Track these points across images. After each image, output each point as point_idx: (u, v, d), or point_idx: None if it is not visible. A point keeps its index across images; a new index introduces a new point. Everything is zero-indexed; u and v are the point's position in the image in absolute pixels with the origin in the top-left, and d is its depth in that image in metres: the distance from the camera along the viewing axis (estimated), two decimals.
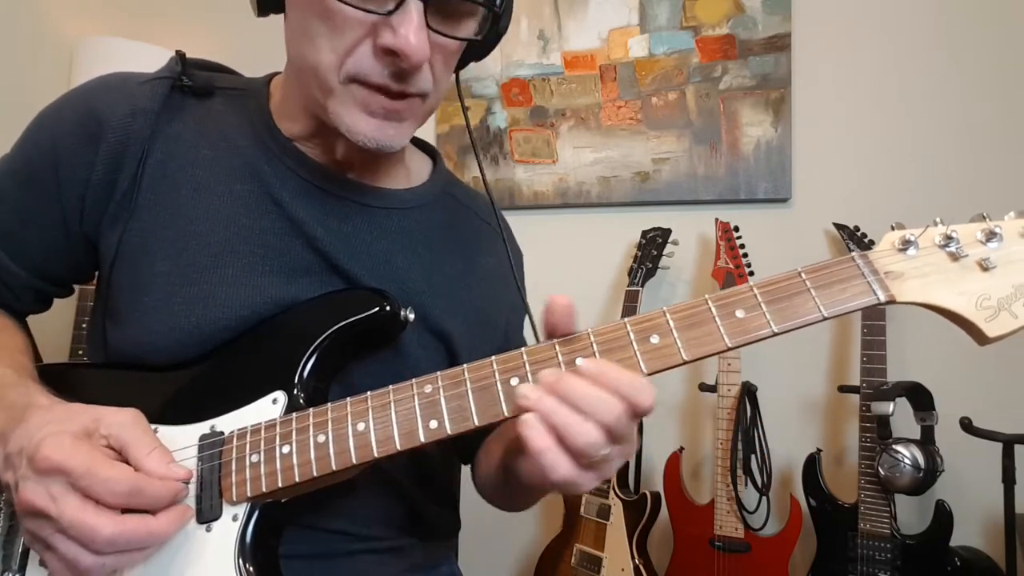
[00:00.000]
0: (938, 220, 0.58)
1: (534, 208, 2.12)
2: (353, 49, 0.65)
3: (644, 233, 1.92)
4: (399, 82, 0.66)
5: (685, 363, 0.57)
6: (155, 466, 0.58)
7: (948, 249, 0.56)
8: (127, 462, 0.59)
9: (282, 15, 0.74)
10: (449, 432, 0.59)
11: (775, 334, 0.56)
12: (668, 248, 1.88)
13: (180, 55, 0.79)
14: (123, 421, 0.60)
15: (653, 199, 2.00)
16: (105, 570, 0.56)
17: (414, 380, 0.62)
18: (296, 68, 0.73)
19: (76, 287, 0.86)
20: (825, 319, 0.56)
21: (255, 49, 1.82)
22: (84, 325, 1.94)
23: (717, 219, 1.84)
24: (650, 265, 1.86)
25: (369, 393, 0.62)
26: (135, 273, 0.73)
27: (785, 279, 0.57)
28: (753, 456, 1.68)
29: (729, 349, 0.56)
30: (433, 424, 0.59)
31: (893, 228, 0.59)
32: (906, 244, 0.57)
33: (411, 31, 0.62)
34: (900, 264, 0.57)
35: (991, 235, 0.56)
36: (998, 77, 1.76)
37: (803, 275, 0.57)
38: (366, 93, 0.66)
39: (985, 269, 0.55)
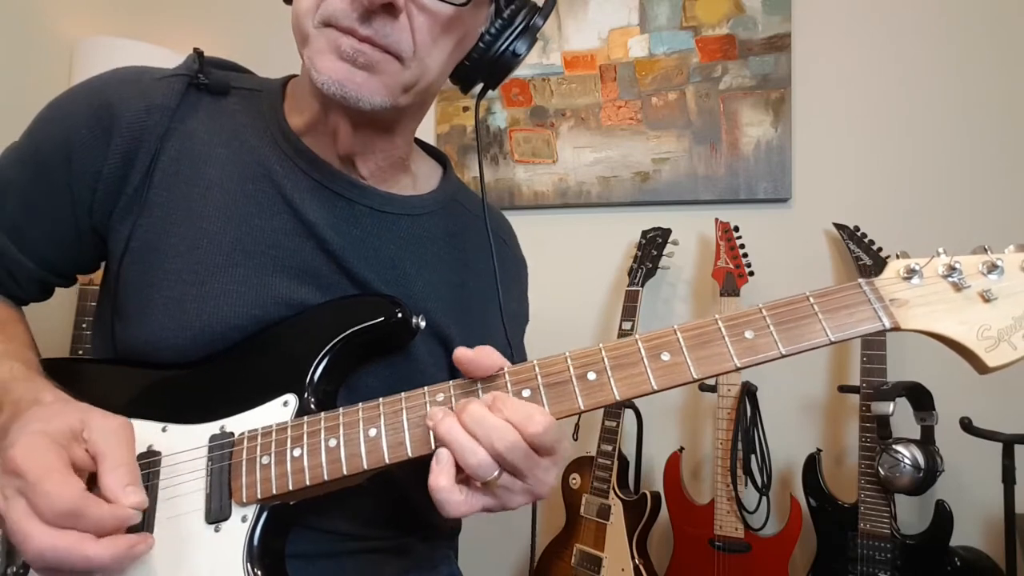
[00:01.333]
0: (941, 251, 0.59)
1: (534, 208, 2.12)
2: None
3: (644, 233, 1.92)
4: (366, 24, 0.65)
5: (695, 381, 0.59)
6: (112, 484, 0.56)
7: (951, 279, 0.58)
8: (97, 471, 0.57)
9: None
10: None
11: (783, 356, 0.58)
12: (668, 248, 1.89)
13: (198, 53, 0.79)
14: (106, 429, 0.59)
15: (653, 199, 2.01)
16: None
17: (426, 388, 0.62)
18: (294, 37, 0.72)
19: (77, 281, 0.86)
20: (832, 343, 0.58)
21: (254, 49, 1.82)
22: (84, 325, 1.94)
23: (717, 219, 1.84)
24: (650, 265, 1.86)
25: (381, 399, 0.63)
26: (145, 270, 0.73)
27: (794, 302, 0.59)
28: (753, 456, 1.68)
29: (738, 369, 0.58)
30: None
31: (897, 256, 0.61)
32: (911, 273, 0.59)
33: None
34: (905, 292, 0.59)
35: (993, 267, 0.58)
36: (999, 77, 1.76)
37: (811, 299, 0.59)
38: (337, 35, 0.66)
39: (987, 300, 0.57)
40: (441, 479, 0.56)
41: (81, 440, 0.58)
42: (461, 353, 0.61)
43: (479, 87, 0.80)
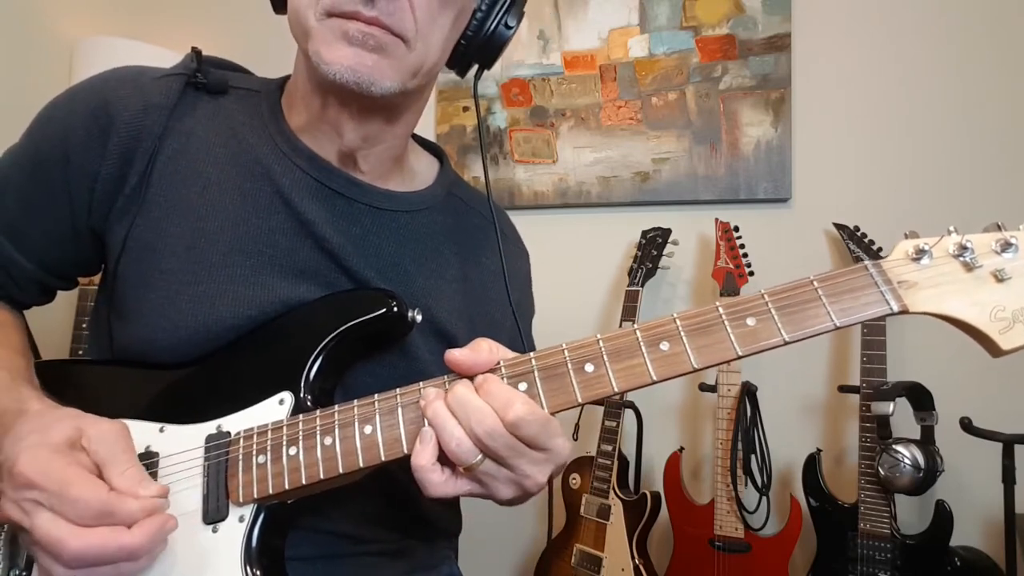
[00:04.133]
0: (952, 229, 0.56)
1: (534, 208, 2.12)
2: None
3: (644, 233, 1.92)
4: (369, 6, 0.65)
5: (695, 371, 0.57)
6: (127, 486, 0.57)
7: (962, 259, 0.55)
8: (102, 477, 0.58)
9: None
10: None
11: (786, 343, 0.55)
12: (668, 248, 1.89)
13: (196, 52, 0.79)
14: (104, 435, 0.59)
15: (653, 199, 2.00)
16: None
17: (421, 383, 0.62)
18: (293, 34, 0.72)
19: (78, 284, 0.85)
20: (837, 328, 0.55)
21: (254, 49, 1.82)
22: (84, 325, 1.94)
23: (717, 219, 1.84)
24: (650, 265, 1.86)
25: (376, 395, 0.62)
26: (142, 269, 0.72)
27: (797, 287, 0.57)
28: (753, 456, 1.68)
29: (739, 357, 0.56)
30: None
31: (907, 236, 0.58)
32: (920, 253, 0.56)
33: None
34: (914, 274, 0.56)
35: (1006, 245, 0.55)
36: (999, 76, 1.76)
37: (815, 283, 0.57)
38: (341, 22, 0.66)
39: (1000, 280, 0.54)
40: (421, 457, 0.56)
41: (80, 448, 0.58)
42: (452, 355, 0.60)
43: (475, 69, 0.81)
